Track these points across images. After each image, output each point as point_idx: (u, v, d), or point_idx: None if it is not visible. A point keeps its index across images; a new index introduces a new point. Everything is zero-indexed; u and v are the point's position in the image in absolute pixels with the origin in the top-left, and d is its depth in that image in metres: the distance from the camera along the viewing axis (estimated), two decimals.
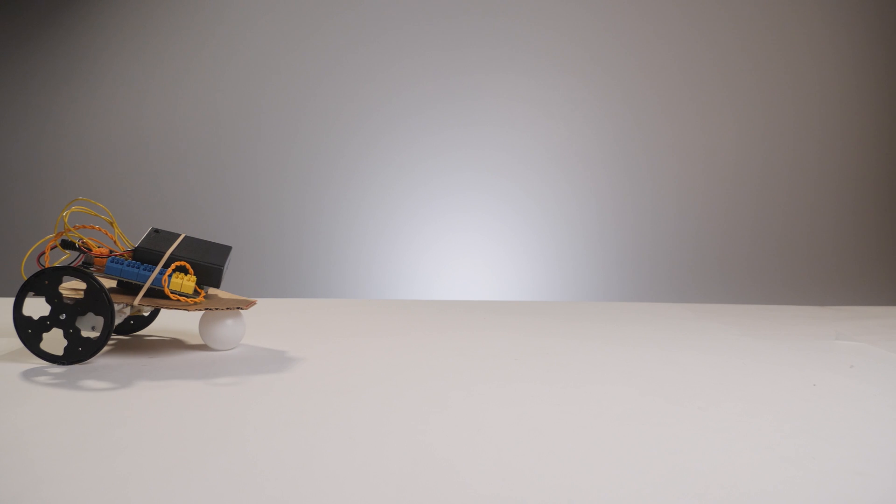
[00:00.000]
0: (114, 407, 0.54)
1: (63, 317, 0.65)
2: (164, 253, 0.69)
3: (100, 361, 0.69)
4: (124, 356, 0.71)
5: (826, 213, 1.85)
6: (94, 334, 0.66)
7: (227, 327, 0.74)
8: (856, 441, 0.49)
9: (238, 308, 0.72)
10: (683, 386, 0.64)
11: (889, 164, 1.87)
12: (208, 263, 0.70)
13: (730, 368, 0.72)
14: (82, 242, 0.69)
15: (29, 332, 0.66)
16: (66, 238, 0.68)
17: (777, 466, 0.44)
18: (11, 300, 0.66)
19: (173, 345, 0.77)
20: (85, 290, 0.65)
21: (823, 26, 1.86)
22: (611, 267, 1.83)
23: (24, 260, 0.69)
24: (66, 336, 0.66)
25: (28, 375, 0.63)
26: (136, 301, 0.67)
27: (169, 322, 0.91)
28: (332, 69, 1.86)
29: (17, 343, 0.76)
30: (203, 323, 0.74)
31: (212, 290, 0.76)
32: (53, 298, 0.65)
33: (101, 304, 0.65)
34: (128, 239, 0.72)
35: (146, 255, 0.69)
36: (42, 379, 0.61)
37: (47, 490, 0.38)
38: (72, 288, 0.69)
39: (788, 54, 1.86)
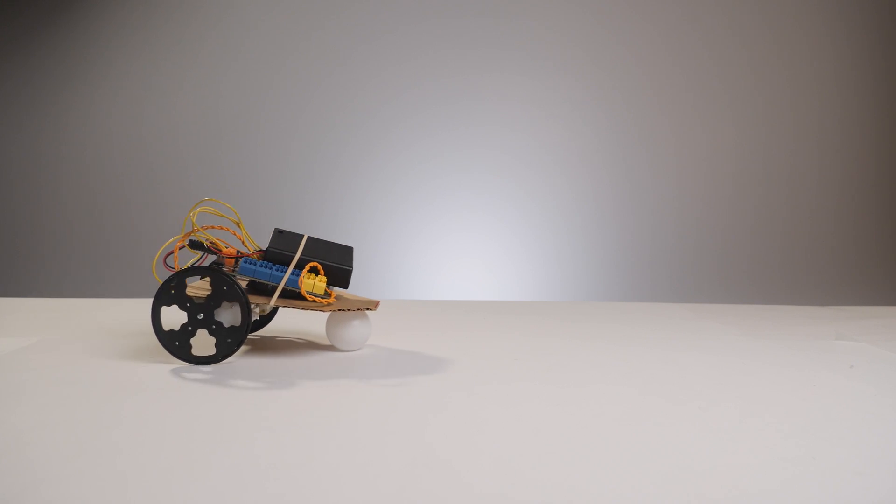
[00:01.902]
0: (114, 407, 0.54)
1: (201, 316, 0.65)
2: (295, 254, 0.69)
3: (109, 360, 0.69)
4: (124, 356, 0.71)
5: (826, 214, 1.85)
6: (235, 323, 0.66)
7: (354, 328, 0.74)
8: (856, 441, 0.49)
9: (367, 309, 0.72)
10: (683, 386, 0.64)
11: (890, 163, 1.87)
12: (340, 265, 0.70)
13: (730, 368, 0.72)
14: (211, 243, 0.69)
15: (177, 344, 0.66)
16: (194, 238, 0.68)
17: (777, 466, 0.44)
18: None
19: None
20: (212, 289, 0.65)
21: (823, 26, 1.86)
22: (611, 267, 1.83)
23: (155, 260, 0.69)
24: (211, 333, 0.66)
25: (28, 375, 0.63)
26: (272, 302, 0.68)
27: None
28: (331, 70, 1.86)
29: (18, 343, 0.76)
30: (330, 324, 0.74)
31: (337, 291, 0.77)
32: (186, 302, 0.65)
33: (241, 307, 0.65)
34: (253, 239, 0.72)
35: (277, 255, 0.69)
36: (43, 378, 0.61)
37: (47, 490, 0.38)
38: (197, 288, 0.69)
39: (789, 54, 1.86)
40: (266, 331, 0.86)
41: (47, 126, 1.87)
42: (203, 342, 0.67)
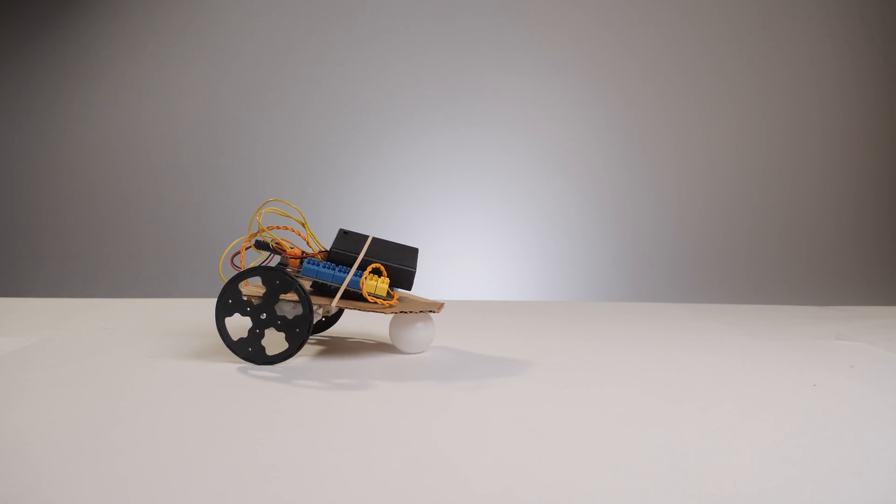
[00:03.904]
0: (114, 407, 0.54)
1: (264, 315, 0.65)
2: (359, 255, 0.69)
3: (109, 360, 0.69)
4: (124, 356, 0.71)
5: (826, 214, 1.85)
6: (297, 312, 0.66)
7: (419, 330, 0.74)
8: (856, 441, 0.49)
9: (431, 311, 0.72)
10: (683, 386, 0.64)
11: (889, 163, 1.87)
12: (403, 266, 0.70)
13: (730, 368, 0.72)
14: (276, 244, 0.69)
15: (250, 350, 0.66)
16: (259, 239, 0.68)
17: (777, 466, 0.44)
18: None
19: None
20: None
21: (823, 26, 1.86)
22: (611, 267, 1.83)
23: (221, 261, 0.69)
24: (279, 329, 0.66)
25: (28, 375, 0.63)
26: (334, 303, 0.68)
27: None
28: (331, 71, 1.86)
29: (18, 343, 0.76)
30: (394, 326, 0.74)
31: (401, 293, 0.76)
32: (245, 307, 0.65)
33: (304, 307, 0.65)
34: (318, 240, 0.72)
35: (341, 256, 0.69)
36: (43, 378, 0.61)
37: (47, 490, 0.38)
38: (257, 288, 0.69)
39: (789, 54, 1.86)
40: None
41: (47, 126, 1.87)
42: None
